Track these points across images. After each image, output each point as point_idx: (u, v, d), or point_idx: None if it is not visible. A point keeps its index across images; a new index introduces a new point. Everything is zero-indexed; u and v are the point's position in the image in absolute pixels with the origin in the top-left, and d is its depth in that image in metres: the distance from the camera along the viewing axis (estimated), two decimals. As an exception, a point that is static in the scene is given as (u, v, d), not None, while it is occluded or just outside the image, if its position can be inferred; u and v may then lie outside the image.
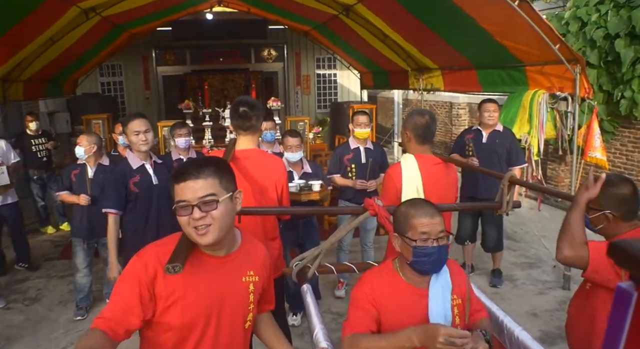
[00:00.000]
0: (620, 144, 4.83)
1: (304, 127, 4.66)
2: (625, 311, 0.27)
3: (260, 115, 1.91)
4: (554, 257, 1.46)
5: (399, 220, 1.21)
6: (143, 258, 1.02)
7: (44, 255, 4.11)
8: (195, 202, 0.98)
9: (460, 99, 7.62)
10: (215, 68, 8.49)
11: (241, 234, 1.16)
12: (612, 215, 1.38)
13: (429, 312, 1.15)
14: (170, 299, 1.01)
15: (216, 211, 0.99)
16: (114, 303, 0.98)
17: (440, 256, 1.15)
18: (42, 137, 4.58)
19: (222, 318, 1.07)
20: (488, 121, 3.22)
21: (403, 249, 1.19)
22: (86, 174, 2.95)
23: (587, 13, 4.61)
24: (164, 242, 1.06)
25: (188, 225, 0.99)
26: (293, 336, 2.33)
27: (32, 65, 4.35)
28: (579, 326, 1.45)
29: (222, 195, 1.01)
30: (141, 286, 0.99)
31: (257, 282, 1.13)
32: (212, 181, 1.00)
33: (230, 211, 1.04)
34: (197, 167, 1.00)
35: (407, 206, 1.22)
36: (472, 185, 3.32)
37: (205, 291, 1.03)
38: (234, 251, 1.10)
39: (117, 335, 0.95)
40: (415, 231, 1.15)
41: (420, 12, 3.78)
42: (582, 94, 3.06)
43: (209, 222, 0.99)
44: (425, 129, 1.93)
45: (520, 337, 1.19)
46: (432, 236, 1.14)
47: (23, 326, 2.92)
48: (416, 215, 1.16)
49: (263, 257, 1.18)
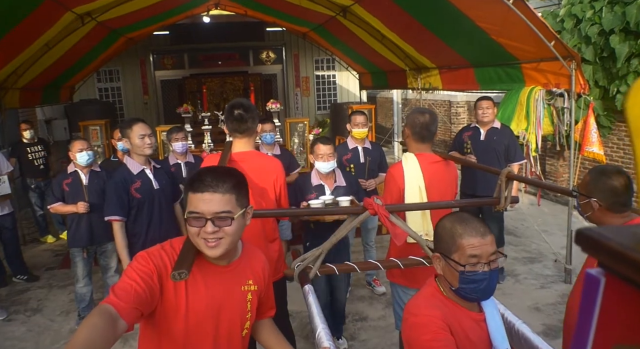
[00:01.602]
0: (617, 138, 4.84)
1: (303, 129, 4.67)
2: (594, 297, 0.27)
3: (256, 117, 1.91)
4: (555, 251, 1.46)
5: (442, 238, 1.04)
6: (151, 256, 1.01)
7: (44, 265, 4.08)
8: (210, 216, 0.96)
9: (459, 98, 7.65)
10: (213, 71, 8.49)
11: (242, 243, 1.16)
12: (598, 204, 1.38)
13: (492, 340, 1.03)
14: (174, 306, 1.00)
15: (230, 227, 0.98)
16: (125, 283, 0.94)
17: (491, 283, 0.99)
18: (39, 145, 4.56)
19: (220, 326, 1.07)
20: (483, 118, 3.25)
21: (447, 272, 1.03)
22: (80, 181, 2.89)
23: (582, 10, 4.63)
24: (168, 246, 1.06)
25: (197, 236, 0.98)
26: (298, 337, 2.34)
27: (28, 73, 4.34)
28: (573, 318, 1.47)
29: (237, 212, 1.00)
30: (152, 275, 0.96)
31: (255, 291, 1.14)
32: (229, 197, 0.98)
33: (242, 226, 1.04)
34: (216, 181, 0.97)
35: (452, 222, 1.04)
36: (471, 182, 3.33)
37: (205, 299, 1.03)
38: (234, 260, 1.10)
39: (126, 315, 0.89)
40: (463, 253, 0.99)
41: (416, 11, 3.80)
42: (578, 89, 3.08)
43: (221, 236, 0.98)
44: (424, 128, 1.94)
45: (520, 330, 1.20)
46: (482, 260, 0.97)
47: (25, 338, 2.89)
48: (465, 234, 0.99)
49: (262, 266, 1.19)
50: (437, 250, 1.07)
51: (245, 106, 1.88)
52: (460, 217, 1.06)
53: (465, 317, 1.04)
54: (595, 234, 0.26)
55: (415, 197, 1.91)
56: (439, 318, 0.98)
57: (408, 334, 1.02)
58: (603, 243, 0.25)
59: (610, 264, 0.25)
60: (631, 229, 0.26)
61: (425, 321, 0.98)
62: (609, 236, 0.25)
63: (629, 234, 0.25)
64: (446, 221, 1.08)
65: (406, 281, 1.98)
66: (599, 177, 1.39)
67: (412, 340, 1.00)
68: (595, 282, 0.27)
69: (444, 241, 1.04)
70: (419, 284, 2.05)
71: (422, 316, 0.99)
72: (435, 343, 0.95)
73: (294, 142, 4.67)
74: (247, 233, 1.63)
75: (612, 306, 0.26)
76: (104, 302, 0.90)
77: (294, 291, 2.00)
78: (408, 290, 2.01)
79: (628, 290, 0.25)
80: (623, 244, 0.24)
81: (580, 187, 1.46)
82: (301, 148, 4.69)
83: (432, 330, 0.96)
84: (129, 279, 0.95)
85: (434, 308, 1.01)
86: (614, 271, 0.25)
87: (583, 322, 0.28)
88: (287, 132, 4.66)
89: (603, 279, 0.27)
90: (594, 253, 0.26)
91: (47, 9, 3.40)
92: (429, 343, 0.95)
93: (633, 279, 0.24)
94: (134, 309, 0.92)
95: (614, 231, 0.25)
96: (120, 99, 8.14)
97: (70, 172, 2.93)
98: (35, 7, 3.23)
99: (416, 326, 0.99)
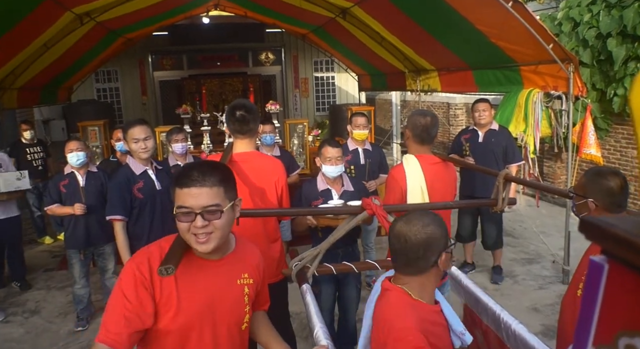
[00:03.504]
0: (615, 141, 4.88)
1: (302, 130, 4.68)
2: (598, 283, 0.28)
3: (257, 118, 1.91)
4: (553, 252, 1.48)
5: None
6: (136, 261, 1.02)
7: (42, 266, 4.05)
8: (199, 211, 0.96)
9: (457, 100, 7.68)
10: (212, 72, 8.49)
11: (235, 237, 1.16)
12: (595, 204, 1.40)
13: (450, 325, 1.09)
14: (167, 303, 1.00)
15: (219, 220, 0.98)
16: (114, 312, 0.96)
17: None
18: (37, 146, 4.54)
19: (218, 320, 1.06)
20: (480, 120, 3.28)
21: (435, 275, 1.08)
22: (77, 182, 2.86)
23: (580, 13, 4.67)
24: (156, 245, 1.06)
25: (188, 231, 0.98)
26: (298, 338, 2.33)
27: (26, 73, 4.32)
28: (567, 316, 1.48)
29: (225, 204, 1.00)
30: (139, 288, 0.97)
31: (252, 284, 1.14)
32: (217, 190, 0.98)
33: (231, 219, 1.04)
34: (202, 174, 0.97)
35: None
36: (470, 183, 3.35)
37: (200, 294, 1.03)
38: (228, 254, 1.10)
39: (124, 346, 0.93)
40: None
41: (415, 14, 3.82)
42: (576, 92, 3.10)
43: (211, 230, 0.98)
44: (424, 130, 1.94)
45: (517, 330, 1.20)
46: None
47: (23, 339, 2.87)
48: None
49: (258, 260, 1.19)
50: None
51: (247, 106, 1.88)
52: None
53: (431, 313, 1.07)
54: (600, 222, 0.26)
55: (417, 198, 1.92)
56: (415, 329, 0.97)
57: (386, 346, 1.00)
58: (608, 230, 0.26)
59: (615, 251, 0.26)
60: (635, 218, 0.27)
61: (401, 335, 0.97)
62: (613, 223, 0.25)
63: (633, 222, 0.26)
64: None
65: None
66: (594, 178, 1.41)
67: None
68: (599, 269, 0.28)
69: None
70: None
71: (398, 331, 0.98)
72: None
73: (294, 143, 4.67)
74: (249, 233, 1.64)
75: (615, 293, 0.27)
76: (97, 340, 0.93)
77: (292, 291, 1.99)
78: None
79: (632, 277, 0.25)
80: (628, 230, 0.24)
81: (577, 188, 1.47)
82: (300, 149, 4.69)
83: (412, 345, 0.95)
84: (117, 305, 0.96)
85: (408, 318, 1.00)
86: (619, 257, 0.26)
87: (587, 309, 0.28)
88: (286, 134, 4.67)
89: (606, 266, 0.27)
90: (598, 240, 0.27)
91: (47, 9, 3.39)
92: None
93: (638, 265, 0.24)
94: (129, 336, 0.94)
95: (618, 220, 0.26)
96: (119, 100, 8.12)
97: (66, 174, 2.89)
98: (35, 7, 3.22)
99: (394, 341, 0.98)
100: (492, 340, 1.32)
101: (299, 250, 2.69)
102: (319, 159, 2.24)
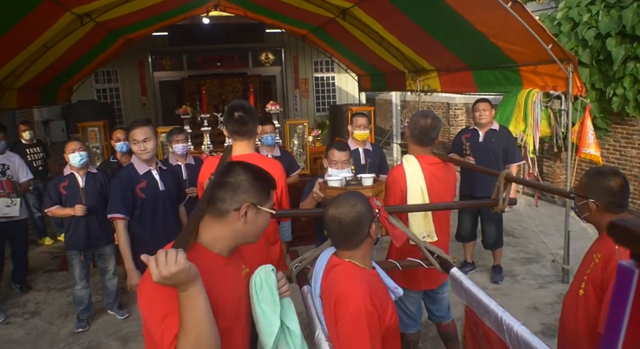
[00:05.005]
0: (614, 140, 4.89)
1: (303, 130, 4.67)
2: (628, 289, 0.27)
3: (256, 119, 1.90)
4: (552, 252, 1.48)
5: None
6: (159, 301, 0.98)
7: (42, 267, 4.04)
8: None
9: (457, 100, 7.69)
10: (212, 73, 8.48)
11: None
12: (595, 204, 1.40)
13: (386, 285, 1.33)
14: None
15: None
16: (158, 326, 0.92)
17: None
18: (37, 146, 4.53)
19: (242, 312, 1.11)
20: (480, 119, 3.29)
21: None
22: (77, 184, 2.85)
23: (579, 13, 4.68)
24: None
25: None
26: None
27: (26, 73, 4.32)
28: (569, 319, 1.49)
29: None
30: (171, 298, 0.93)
31: (248, 274, 1.19)
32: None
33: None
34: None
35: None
36: (470, 183, 3.35)
37: (229, 291, 1.07)
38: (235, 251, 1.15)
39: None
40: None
41: (415, 14, 3.82)
42: (575, 92, 3.11)
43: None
44: (422, 132, 1.94)
45: (519, 332, 1.20)
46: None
47: (23, 341, 2.86)
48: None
49: (242, 250, 1.24)
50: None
51: (245, 107, 1.86)
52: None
53: (374, 276, 1.30)
54: (632, 226, 0.25)
55: (418, 199, 1.92)
56: (365, 293, 1.17)
57: (342, 321, 1.17)
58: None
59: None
60: None
61: (355, 305, 1.17)
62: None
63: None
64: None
65: (406, 283, 1.98)
66: (595, 178, 1.41)
67: (346, 327, 1.17)
68: (628, 274, 0.27)
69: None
70: (419, 285, 2.07)
71: (354, 304, 1.17)
72: (364, 316, 1.15)
73: (294, 143, 4.67)
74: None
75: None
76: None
77: (292, 291, 1.99)
78: (409, 292, 2.01)
79: None
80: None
81: (578, 188, 1.48)
82: (301, 150, 4.69)
83: (364, 310, 1.15)
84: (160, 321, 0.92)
85: (360, 285, 1.19)
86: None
87: (615, 315, 0.27)
88: (286, 134, 4.66)
89: (637, 271, 0.26)
90: (629, 244, 0.26)
91: (46, 10, 3.39)
92: (357, 316, 1.16)
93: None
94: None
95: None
96: (119, 100, 8.11)
97: (66, 175, 2.87)
98: (34, 7, 3.22)
99: (349, 313, 1.16)
100: (494, 342, 1.32)
101: (299, 251, 2.69)
102: (325, 160, 2.21)
